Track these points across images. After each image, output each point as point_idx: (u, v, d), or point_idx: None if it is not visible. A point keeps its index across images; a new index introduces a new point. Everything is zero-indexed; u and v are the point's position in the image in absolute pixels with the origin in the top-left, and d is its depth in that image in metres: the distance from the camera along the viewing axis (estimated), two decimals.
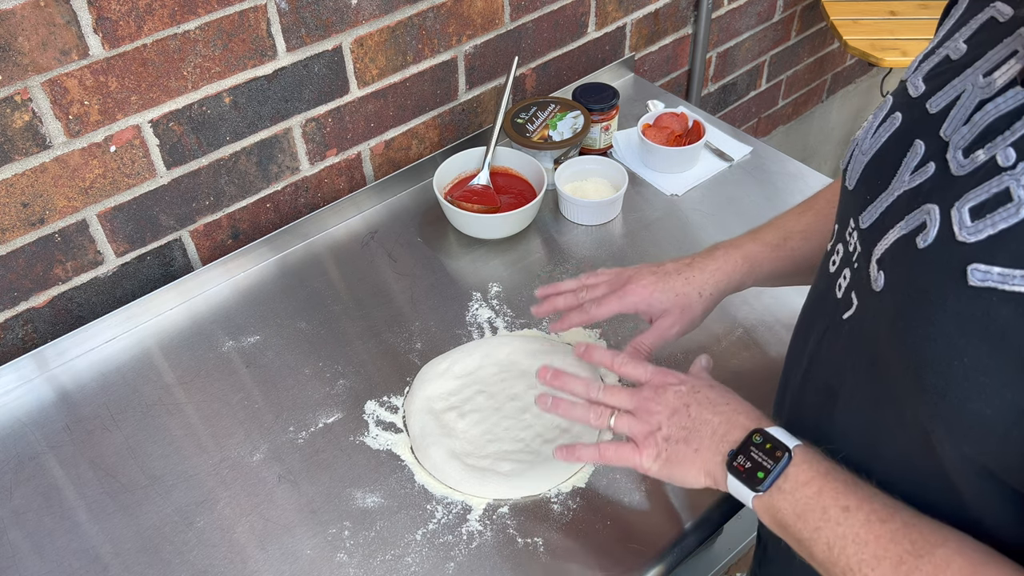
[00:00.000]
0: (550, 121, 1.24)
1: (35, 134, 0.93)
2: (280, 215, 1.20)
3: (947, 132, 0.51)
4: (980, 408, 0.46)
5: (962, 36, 0.54)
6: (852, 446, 0.61)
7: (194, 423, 0.95)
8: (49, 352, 1.01)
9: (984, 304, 0.45)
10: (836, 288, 0.61)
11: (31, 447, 0.94)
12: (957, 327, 0.46)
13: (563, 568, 0.81)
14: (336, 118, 1.18)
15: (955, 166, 0.50)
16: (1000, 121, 0.48)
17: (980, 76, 0.51)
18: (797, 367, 0.69)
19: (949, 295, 0.47)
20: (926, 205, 0.50)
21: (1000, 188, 0.46)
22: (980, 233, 0.46)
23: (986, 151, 0.48)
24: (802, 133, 2.24)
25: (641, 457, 0.71)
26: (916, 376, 0.50)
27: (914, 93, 0.56)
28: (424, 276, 1.12)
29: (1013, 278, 0.44)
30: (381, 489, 0.88)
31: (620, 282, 0.88)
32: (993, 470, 0.49)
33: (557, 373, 0.79)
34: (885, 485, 0.58)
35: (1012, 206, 0.45)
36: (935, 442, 0.52)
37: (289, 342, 1.04)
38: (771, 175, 1.26)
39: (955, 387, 0.47)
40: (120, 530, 0.86)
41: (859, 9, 1.86)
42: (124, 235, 1.07)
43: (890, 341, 0.52)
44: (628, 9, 1.47)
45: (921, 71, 0.56)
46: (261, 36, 1.04)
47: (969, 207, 0.47)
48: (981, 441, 0.48)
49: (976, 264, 0.45)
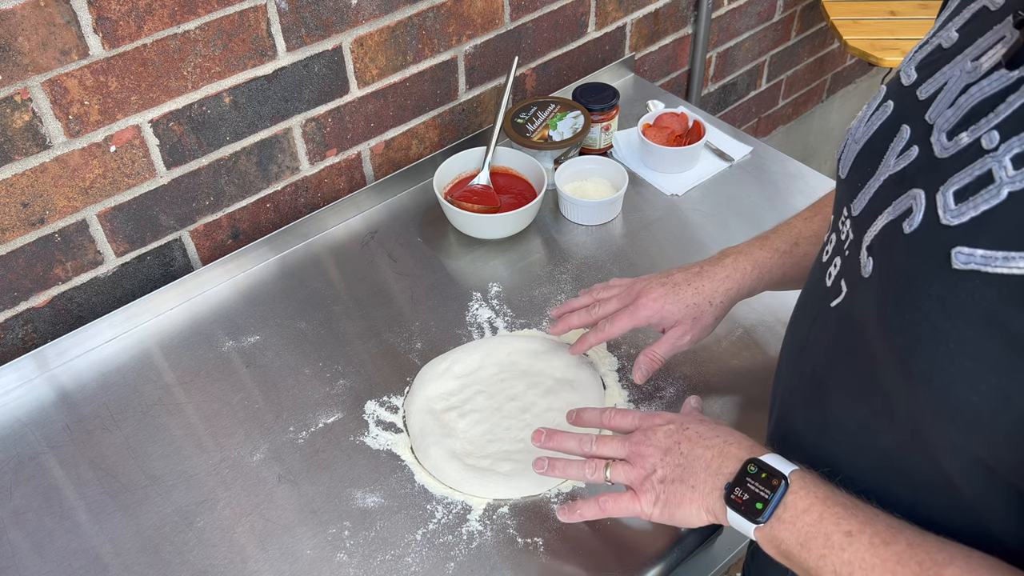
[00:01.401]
0: (550, 121, 1.24)
1: (35, 134, 0.93)
2: (280, 215, 1.20)
3: (932, 116, 0.52)
4: (966, 394, 0.46)
5: (955, 25, 0.55)
6: (843, 437, 0.61)
7: (194, 423, 0.95)
8: (49, 352, 1.01)
9: (968, 287, 0.45)
10: (827, 277, 0.62)
11: (31, 447, 0.94)
12: (942, 311, 0.46)
13: (563, 568, 0.81)
14: (336, 118, 1.18)
15: (939, 149, 0.50)
16: (984, 104, 0.48)
17: (968, 62, 0.51)
18: (789, 359, 0.70)
19: (934, 279, 0.47)
20: (912, 190, 0.50)
21: (983, 170, 0.46)
22: (963, 216, 0.46)
23: (970, 133, 0.48)
24: (802, 133, 2.24)
25: (640, 504, 0.72)
26: (903, 362, 0.50)
27: (906, 82, 0.56)
28: (424, 276, 1.12)
29: (995, 259, 0.44)
30: (381, 489, 0.88)
31: (631, 296, 0.89)
32: (985, 461, 0.49)
33: (551, 434, 0.80)
34: (882, 485, 0.58)
35: (994, 187, 0.45)
36: (924, 430, 0.51)
37: (289, 342, 1.04)
38: (771, 175, 1.26)
39: (941, 372, 0.47)
40: (120, 530, 0.86)
41: (859, 9, 1.86)
42: (124, 235, 1.07)
43: (877, 327, 0.53)
44: (628, 9, 1.47)
45: (915, 60, 0.57)
46: (261, 36, 1.04)
47: (953, 190, 0.47)
48: (969, 428, 0.48)
49: (960, 247, 0.46)
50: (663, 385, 0.97)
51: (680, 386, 0.96)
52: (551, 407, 0.94)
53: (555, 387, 0.96)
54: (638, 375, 0.90)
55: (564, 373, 0.97)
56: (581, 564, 0.81)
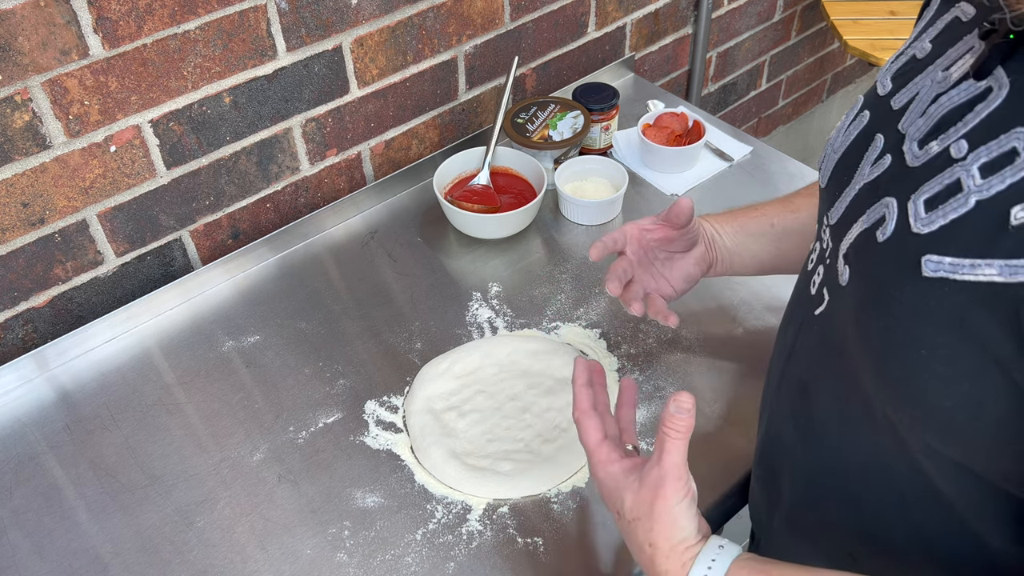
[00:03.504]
0: (550, 121, 1.24)
1: (35, 134, 0.93)
2: (280, 215, 1.20)
3: (904, 125, 0.52)
4: (940, 400, 0.47)
5: (928, 36, 0.56)
6: (830, 443, 0.61)
7: (194, 423, 0.95)
8: (49, 352, 1.01)
9: (938, 294, 0.45)
10: (811, 285, 0.62)
11: (31, 447, 0.94)
12: (914, 319, 0.47)
13: (563, 568, 0.81)
14: (336, 118, 1.18)
15: (910, 157, 0.50)
16: (953, 113, 0.48)
17: (939, 72, 0.52)
18: (777, 365, 0.70)
19: (906, 287, 0.47)
20: (885, 198, 0.51)
21: (952, 179, 0.46)
22: (933, 224, 0.47)
23: (939, 142, 0.48)
24: (802, 133, 2.24)
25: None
26: (879, 368, 0.51)
27: (882, 92, 0.57)
28: (424, 276, 1.12)
29: (963, 267, 0.44)
30: (381, 489, 0.88)
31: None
32: (964, 464, 0.49)
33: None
34: (869, 490, 0.59)
35: (962, 196, 0.45)
36: (903, 435, 0.52)
37: (289, 342, 1.04)
38: (771, 175, 1.26)
39: (916, 379, 0.48)
40: (120, 530, 0.86)
41: (859, 9, 1.86)
42: (124, 235, 1.07)
43: (854, 334, 0.53)
44: (628, 9, 1.47)
45: (891, 71, 0.58)
46: (261, 36, 1.04)
47: (924, 199, 0.48)
48: (945, 433, 0.48)
49: (929, 255, 0.46)
50: (663, 385, 0.97)
51: (680, 386, 0.96)
52: (551, 407, 0.94)
53: (555, 387, 0.96)
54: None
55: (564, 373, 0.97)
56: (581, 564, 0.81)
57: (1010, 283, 0.42)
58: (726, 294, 1.06)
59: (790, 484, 0.69)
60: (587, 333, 1.03)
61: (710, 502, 0.85)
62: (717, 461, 0.89)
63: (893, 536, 0.59)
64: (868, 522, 0.60)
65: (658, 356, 1.00)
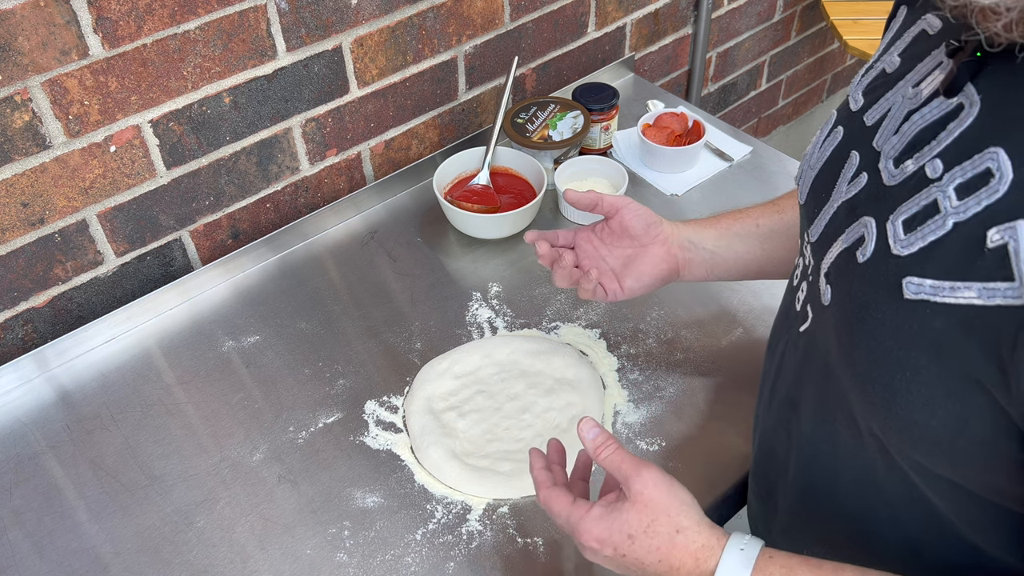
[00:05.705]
0: (550, 121, 1.24)
1: (35, 134, 0.93)
2: (280, 215, 1.20)
3: (879, 143, 0.52)
4: (925, 419, 0.47)
5: (897, 49, 0.55)
6: (820, 458, 0.61)
7: (194, 423, 0.95)
8: (49, 352, 1.01)
9: (919, 317, 0.45)
10: (796, 301, 0.62)
11: (31, 447, 0.94)
12: (897, 340, 0.47)
13: (563, 568, 0.81)
14: (336, 118, 1.18)
15: (887, 176, 0.50)
16: (926, 131, 0.48)
17: (910, 87, 0.52)
18: (767, 380, 0.70)
19: (887, 309, 0.47)
20: (864, 218, 0.51)
21: (929, 200, 0.46)
22: (912, 246, 0.46)
23: (915, 161, 0.48)
24: (802, 133, 2.24)
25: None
26: (864, 388, 0.51)
27: (854, 107, 0.57)
28: (424, 276, 1.12)
29: (943, 290, 0.44)
30: (381, 489, 0.88)
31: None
32: (952, 479, 0.49)
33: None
34: (864, 504, 0.59)
35: (939, 218, 0.45)
36: (891, 451, 0.52)
37: (289, 342, 1.04)
38: (771, 175, 1.26)
39: (899, 398, 0.48)
40: (120, 530, 0.86)
41: (859, 9, 1.86)
42: (124, 235, 1.07)
43: (838, 354, 0.53)
44: (628, 9, 1.47)
45: (861, 85, 0.57)
46: (261, 36, 1.04)
47: (902, 220, 0.48)
48: (931, 450, 0.49)
49: (910, 277, 0.46)
50: (663, 385, 0.97)
51: (680, 386, 0.96)
52: (551, 407, 0.94)
53: (555, 387, 0.96)
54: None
55: (564, 373, 0.97)
56: (581, 564, 0.82)
57: (988, 306, 0.42)
58: (726, 295, 1.06)
59: (785, 499, 0.69)
60: (587, 333, 1.03)
61: (710, 502, 0.85)
62: (717, 461, 0.89)
63: (888, 548, 0.59)
64: (863, 536, 0.60)
65: (658, 356, 1.00)
